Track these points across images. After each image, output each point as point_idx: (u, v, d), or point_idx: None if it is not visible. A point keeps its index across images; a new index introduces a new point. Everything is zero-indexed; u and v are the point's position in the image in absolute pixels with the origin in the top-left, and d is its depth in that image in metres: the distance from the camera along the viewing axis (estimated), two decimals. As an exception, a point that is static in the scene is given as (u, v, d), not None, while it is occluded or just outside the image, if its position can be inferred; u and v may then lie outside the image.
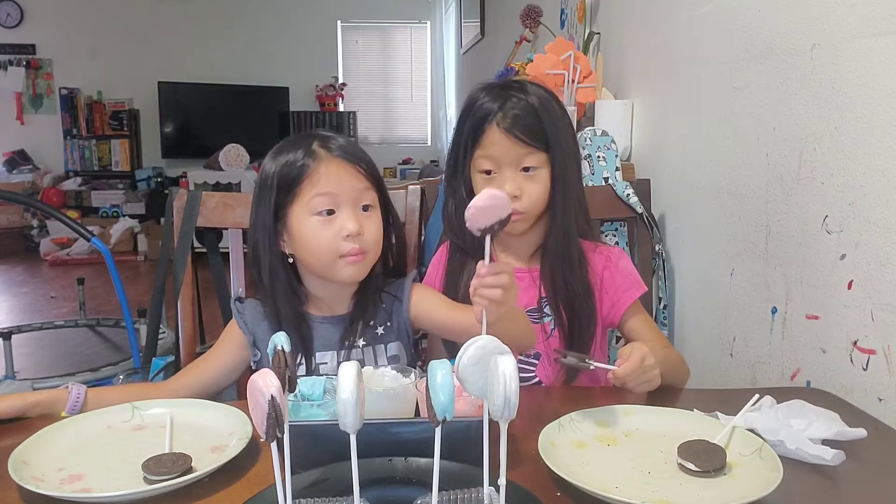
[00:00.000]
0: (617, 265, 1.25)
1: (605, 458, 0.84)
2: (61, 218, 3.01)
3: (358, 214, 1.12)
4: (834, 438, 0.85)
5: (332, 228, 1.10)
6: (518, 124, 1.15)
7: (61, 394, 1.04)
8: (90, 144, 7.00)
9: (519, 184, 1.17)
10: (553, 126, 1.16)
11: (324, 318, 1.18)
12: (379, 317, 1.19)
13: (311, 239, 1.11)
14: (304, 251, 1.12)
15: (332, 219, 1.10)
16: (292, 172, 1.11)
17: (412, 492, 0.71)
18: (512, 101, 1.16)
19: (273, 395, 0.57)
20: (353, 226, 1.09)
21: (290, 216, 1.12)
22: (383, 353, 1.19)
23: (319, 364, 1.18)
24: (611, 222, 1.73)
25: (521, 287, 1.24)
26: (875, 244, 1.03)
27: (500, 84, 1.21)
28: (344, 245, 1.10)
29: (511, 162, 1.17)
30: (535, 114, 1.16)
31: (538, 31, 2.91)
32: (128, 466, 0.83)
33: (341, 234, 1.09)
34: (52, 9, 6.79)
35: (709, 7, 1.55)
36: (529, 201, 1.17)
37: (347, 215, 1.10)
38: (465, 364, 0.63)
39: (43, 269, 5.97)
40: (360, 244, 1.11)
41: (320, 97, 7.31)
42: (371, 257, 1.14)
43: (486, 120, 1.16)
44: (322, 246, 1.10)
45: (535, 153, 1.16)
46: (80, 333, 3.87)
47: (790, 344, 1.25)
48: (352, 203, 1.11)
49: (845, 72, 1.09)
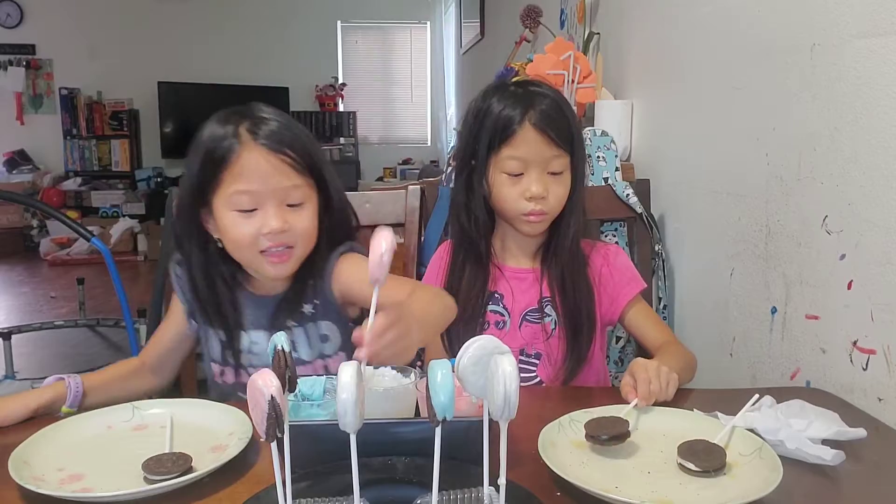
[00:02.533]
0: (615, 263, 1.25)
1: (605, 458, 0.84)
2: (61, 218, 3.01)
3: (283, 211, 1.05)
4: (834, 438, 0.85)
5: (253, 224, 1.04)
6: (551, 123, 1.14)
7: (59, 390, 1.04)
8: (90, 144, 7.00)
9: (546, 185, 1.16)
10: (576, 126, 1.18)
11: (254, 298, 1.15)
12: (306, 295, 1.13)
13: (231, 232, 1.06)
14: (227, 243, 1.08)
15: (254, 215, 1.04)
16: (216, 154, 1.04)
17: (412, 492, 0.71)
18: (539, 99, 1.15)
19: (273, 395, 0.57)
20: (276, 224, 1.03)
21: (213, 201, 1.06)
22: (315, 333, 1.15)
23: (253, 343, 1.15)
24: (611, 222, 1.73)
25: (523, 288, 1.24)
26: (875, 244, 1.03)
27: (514, 83, 1.20)
28: (264, 241, 1.04)
29: (540, 163, 1.16)
30: (560, 111, 1.16)
31: (538, 31, 2.91)
32: (128, 466, 0.83)
33: (262, 231, 1.04)
34: (52, 9, 6.79)
35: (709, 7, 1.55)
36: (555, 202, 1.18)
37: (271, 213, 1.04)
38: (465, 364, 0.63)
39: (43, 269, 5.96)
40: (286, 240, 1.05)
41: (320, 97, 7.31)
42: (300, 251, 1.09)
43: (516, 119, 1.15)
44: (242, 241, 1.06)
45: (561, 156, 1.16)
46: (80, 333, 3.87)
47: (790, 344, 1.25)
48: (277, 201, 1.04)
49: (845, 72, 1.09)
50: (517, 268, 1.26)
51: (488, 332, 1.22)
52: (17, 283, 5.56)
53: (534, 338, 1.23)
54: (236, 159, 1.03)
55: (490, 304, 1.24)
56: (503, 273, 1.25)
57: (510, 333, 1.23)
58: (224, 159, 1.04)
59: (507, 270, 1.26)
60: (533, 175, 1.16)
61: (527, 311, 1.24)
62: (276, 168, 1.04)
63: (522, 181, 1.16)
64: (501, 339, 1.24)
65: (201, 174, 1.06)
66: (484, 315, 1.24)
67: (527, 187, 1.16)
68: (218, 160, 1.04)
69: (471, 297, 1.22)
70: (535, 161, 1.16)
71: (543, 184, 1.16)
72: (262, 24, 7.02)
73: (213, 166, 1.04)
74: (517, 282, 1.25)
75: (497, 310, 1.24)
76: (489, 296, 1.24)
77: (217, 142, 1.05)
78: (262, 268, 1.09)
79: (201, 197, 1.07)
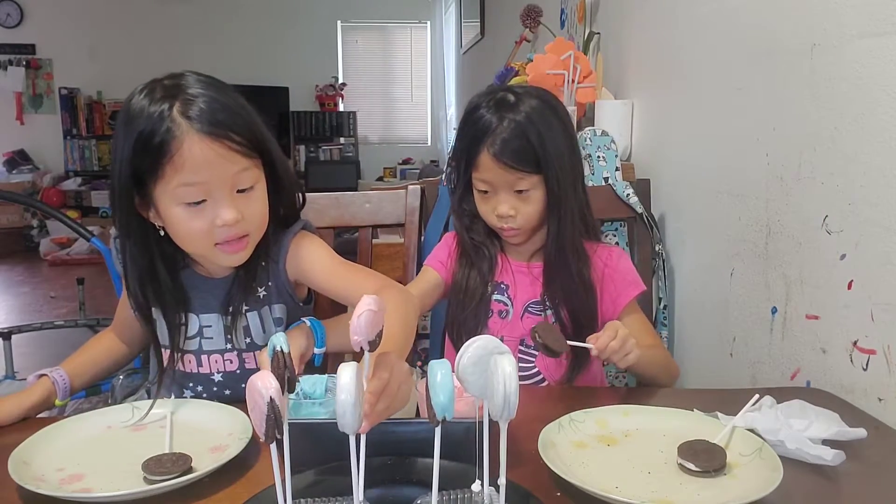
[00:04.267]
0: (616, 266, 1.27)
1: (605, 458, 0.84)
2: (61, 218, 3.01)
3: (234, 199, 0.98)
4: (834, 438, 0.85)
5: (204, 217, 0.97)
6: (507, 151, 1.15)
7: (47, 386, 1.05)
8: (90, 144, 7.01)
9: (513, 204, 1.19)
10: (543, 145, 1.16)
11: (203, 280, 1.10)
12: (259, 278, 1.09)
13: (180, 227, 0.98)
14: (175, 236, 1.00)
15: (204, 207, 0.96)
16: (152, 141, 0.93)
17: (412, 492, 0.71)
18: (503, 125, 1.16)
19: (272, 397, 0.57)
20: (230, 216, 0.96)
21: (155, 193, 0.97)
22: (269, 317, 1.11)
23: (203, 327, 1.11)
24: (611, 222, 1.73)
25: (526, 282, 1.27)
26: (875, 244, 1.03)
27: (497, 97, 1.19)
28: (220, 232, 0.98)
29: (504, 184, 1.18)
30: (523, 135, 1.15)
31: (538, 31, 2.91)
32: (128, 466, 0.83)
33: (216, 223, 0.97)
34: (52, 9, 6.79)
35: (709, 7, 1.55)
36: (523, 220, 1.20)
37: (221, 203, 0.96)
38: (464, 364, 0.63)
39: (43, 269, 5.97)
40: (241, 229, 0.99)
41: (320, 97, 7.32)
42: (255, 236, 1.04)
43: (479, 142, 1.17)
44: (194, 236, 0.99)
45: (526, 177, 1.17)
46: (81, 333, 3.86)
47: (790, 344, 1.25)
48: (226, 189, 0.97)
49: (845, 72, 1.09)
50: (520, 263, 1.29)
51: (491, 321, 1.26)
52: (18, 283, 5.56)
53: None
54: (177, 149, 0.93)
55: (496, 293, 1.27)
56: (510, 265, 1.28)
57: (512, 323, 1.25)
58: (162, 149, 0.93)
59: (514, 264, 1.29)
60: (500, 196, 1.19)
61: (529, 302, 1.26)
62: (221, 155, 0.95)
63: (492, 199, 1.21)
64: (504, 328, 1.26)
65: (136, 161, 0.95)
66: (489, 303, 1.26)
67: (495, 206, 1.20)
68: (155, 149, 0.93)
69: (478, 286, 1.25)
70: (498, 183, 1.18)
71: (510, 203, 1.19)
72: (262, 24, 7.03)
73: (151, 156, 0.94)
74: (521, 276, 1.28)
75: (501, 299, 1.27)
76: (495, 286, 1.27)
77: (151, 125, 0.93)
78: (218, 258, 1.04)
79: (138, 186, 0.97)
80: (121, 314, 1.21)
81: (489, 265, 1.26)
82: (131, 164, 0.95)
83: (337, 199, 1.51)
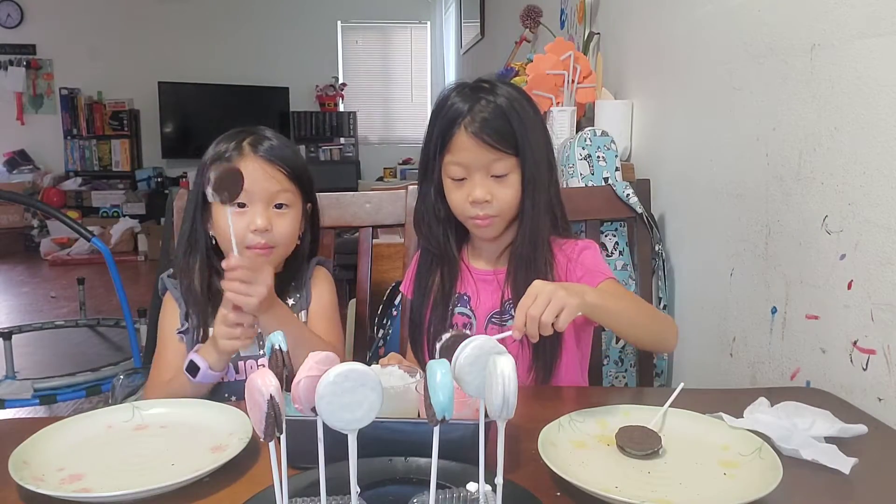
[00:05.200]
0: (579, 258, 1.20)
1: (605, 458, 0.84)
2: (61, 218, 3.02)
3: (269, 212, 1.18)
4: (836, 436, 0.86)
5: (242, 221, 1.17)
6: (486, 128, 1.11)
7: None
8: (90, 144, 7.01)
9: (489, 188, 1.14)
10: (523, 128, 1.13)
11: None
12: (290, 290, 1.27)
13: (223, 227, 1.16)
14: (217, 236, 1.21)
15: (244, 212, 1.17)
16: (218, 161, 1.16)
17: (412, 491, 0.71)
18: (480, 105, 1.13)
19: (272, 395, 0.57)
20: (262, 222, 1.17)
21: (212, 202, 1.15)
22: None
23: None
24: (611, 222, 1.73)
25: (489, 290, 1.22)
26: (875, 244, 1.03)
27: (471, 85, 1.17)
28: (251, 237, 1.17)
29: (480, 167, 1.13)
30: (503, 116, 1.12)
31: (538, 32, 2.91)
32: (128, 466, 0.83)
33: (250, 227, 1.16)
34: (52, 9, 6.79)
35: (709, 7, 1.55)
36: (500, 205, 1.15)
37: (258, 211, 1.17)
38: (461, 364, 0.63)
39: (43, 269, 5.97)
40: (268, 240, 1.18)
41: (320, 97, 7.32)
42: (281, 251, 1.22)
43: (455, 124, 1.13)
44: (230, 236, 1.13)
45: (504, 158, 1.13)
46: (81, 333, 3.88)
47: (790, 344, 1.25)
48: (265, 201, 1.18)
49: (845, 72, 1.09)
50: (484, 270, 1.24)
51: None
52: (18, 283, 5.56)
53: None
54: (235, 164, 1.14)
55: (458, 305, 1.23)
56: (471, 274, 1.24)
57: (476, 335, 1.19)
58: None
59: (476, 272, 1.24)
60: (476, 179, 1.14)
61: (492, 313, 1.21)
62: (269, 174, 1.18)
63: (466, 185, 1.15)
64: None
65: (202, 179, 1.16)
66: (452, 317, 1.22)
67: (470, 191, 1.14)
68: None
69: (439, 299, 1.22)
70: (475, 166, 1.13)
71: (486, 188, 1.14)
72: (262, 24, 7.03)
73: None
74: (483, 284, 1.23)
75: (464, 311, 1.23)
76: (457, 297, 1.23)
77: (221, 155, 1.19)
78: None
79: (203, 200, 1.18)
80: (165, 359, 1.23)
81: (451, 277, 1.22)
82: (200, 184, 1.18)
83: (337, 199, 1.51)
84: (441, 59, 7.13)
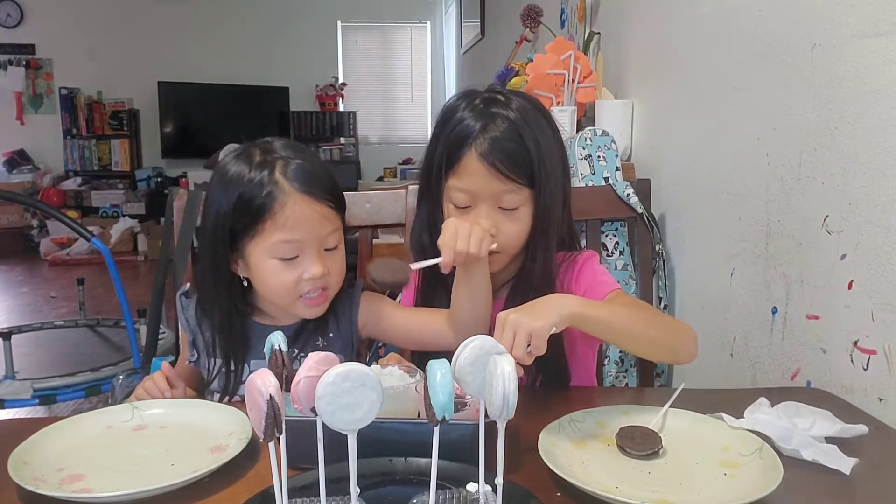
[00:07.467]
0: (580, 272, 1.13)
1: (605, 459, 0.84)
2: (61, 218, 3.02)
3: (322, 256, 1.05)
4: (837, 436, 0.86)
5: (295, 272, 1.04)
6: (497, 151, 1.00)
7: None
8: (90, 144, 7.00)
9: (496, 221, 1.02)
10: (538, 152, 1.02)
11: (264, 328, 1.11)
12: (321, 328, 1.13)
13: (270, 279, 1.05)
14: (262, 287, 1.07)
15: (295, 262, 1.04)
16: (253, 203, 1.01)
17: (412, 492, 0.71)
18: (496, 122, 1.01)
19: (272, 395, 0.57)
20: (318, 270, 1.03)
21: (248, 248, 1.04)
22: None
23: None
24: (611, 222, 1.73)
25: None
26: (875, 244, 1.03)
27: (483, 96, 1.06)
28: (304, 286, 1.04)
29: (488, 197, 1.02)
30: (518, 138, 1.01)
31: (538, 31, 2.91)
32: (127, 467, 0.83)
33: (304, 277, 1.04)
34: (52, 9, 6.79)
35: (709, 7, 1.55)
36: (507, 241, 1.04)
37: (311, 260, 1.04)
38: (461, 364, 0.63)
39: (43, 269, 5.97)
40: (324, 283, 1.06)
41: (320, 97, 7.32)
42: (333, 291, 1.10)
43: (465, 144, 1.02)
44: (282, 288, 1.05)
45: (516, 191, 1.02)
46: (80, 333, 3.87)
47: (790, 344, 1.25)
48: (317, 247, 1.04)
49: (845, 72, 1.09)
50: None
51: None
52: (18, 283, 5.56)
53: None
54: (280, 209, 1.01)
55: None
56: None
57: None
58: (266, 208, 1.01)
59: None
60: (482, 210, 1.03)
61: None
62: (320, 214, 1.03)
63: (470, 215, 1.03)
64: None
65: (237, 220, 1.02)
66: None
67: (474, 221, 1.00)
68: (258, 209, 1.01)
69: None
70: (482, 195, 1.02)
71: (493, 220, 1.02)
72: (262, 24, 7.03)
73: (254, 215, 1.01)
74: None
75: None
76: None
77: (255, 189, 1.01)
78: (298, 310, 1.09)
79: (234, 242, 1.04)
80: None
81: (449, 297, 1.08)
82: (231, 220, 1.03)
83: (337, 199, 1.50)
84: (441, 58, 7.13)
